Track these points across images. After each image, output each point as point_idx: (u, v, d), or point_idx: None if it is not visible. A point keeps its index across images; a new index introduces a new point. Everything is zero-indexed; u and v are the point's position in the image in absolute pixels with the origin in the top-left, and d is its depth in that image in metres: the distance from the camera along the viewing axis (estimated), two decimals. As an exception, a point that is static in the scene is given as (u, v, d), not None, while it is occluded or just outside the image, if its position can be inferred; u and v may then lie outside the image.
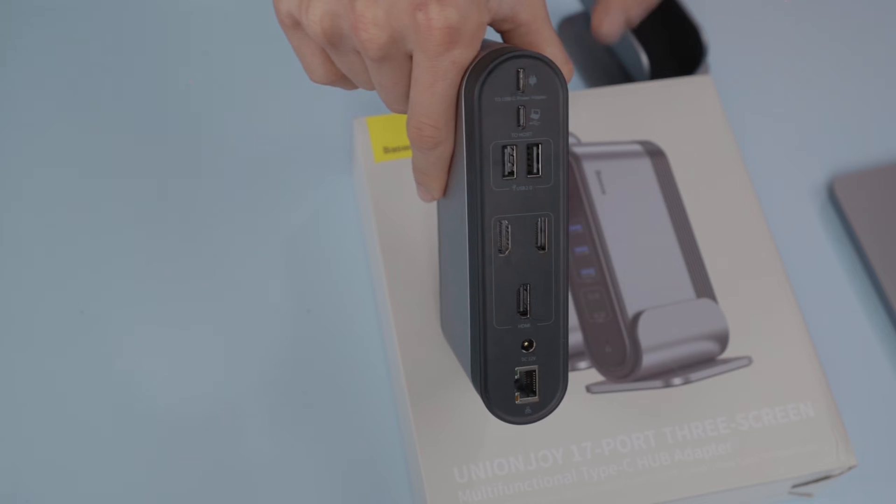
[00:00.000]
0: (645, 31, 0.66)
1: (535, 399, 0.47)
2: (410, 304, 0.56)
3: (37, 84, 0.68)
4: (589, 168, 0.60)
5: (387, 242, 0.57)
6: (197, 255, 0.64)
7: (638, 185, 0.60)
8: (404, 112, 0.47)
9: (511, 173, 0.44)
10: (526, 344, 0.46)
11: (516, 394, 0.46)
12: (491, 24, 0.46)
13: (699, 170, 0.61)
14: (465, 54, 0.43)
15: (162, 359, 0.61)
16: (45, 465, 0.58)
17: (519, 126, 0.44)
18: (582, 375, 0.55)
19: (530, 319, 0.46)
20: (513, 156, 0.44)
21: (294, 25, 0.46)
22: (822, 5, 0.75)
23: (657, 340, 0.56)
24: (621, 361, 0.55)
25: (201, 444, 0.59)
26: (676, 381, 0.55)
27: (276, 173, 0.66)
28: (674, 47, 0.68)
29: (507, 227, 0.45)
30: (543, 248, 0.45)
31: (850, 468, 0.54)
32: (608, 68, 0.69)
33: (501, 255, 0.45)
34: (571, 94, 0.63)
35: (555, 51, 0.46)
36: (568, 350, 0.47)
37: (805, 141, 0.69)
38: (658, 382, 0.55)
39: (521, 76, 0.43)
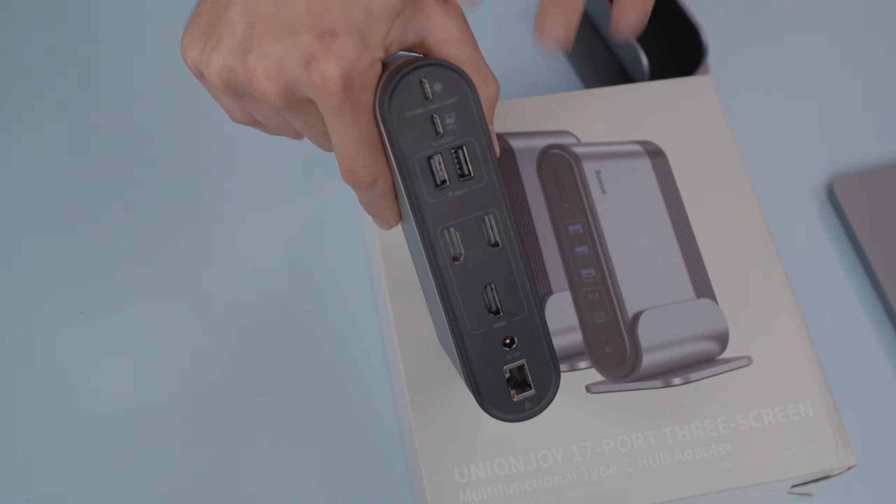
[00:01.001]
0: (645, 31, 0.66)
1: (531, 392, 0.47)
2: (410, 305, 0.56)
3: (36, 85, 0.68)
4: (589, 168, 0.60)
5: (387, 243, 0.57)
6: (197, 255, 0.64)
7: (638, 185, 0.60)
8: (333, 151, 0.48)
9: (444, 181, 0.44)
10: (507, 341, 0.46)
11: (512, 392, 0.47)
12: (409, 51, 0.46)
13: (699, 170, 0.61)
14: (363, 95, 0.43)
15: (162, 359, 0.61)
16: (46, 466, 0.58)
17: (437, 134, 0.44)
18: (582, 375, 0.55)
19: (504, 317, 0.46)
20: (441, 164, 0.44)
21: (200, 76, 0.47)
22: (821, 5, 0.75)
23: (657, 340, 0.56)
24: (621, 361, 0.55)
25: (201, 444, 0.59)
26: (676, 380, 0.55)
27: (276, 173, 0.66)
28: (674, 47, 0.68)
29: (456, 234, 0.45)
30: (497, 245, 0.46)
31: (849, 468, 0.54)
32: (608, 68, 0.69)
33: (458, 263, 0.45)
34: (572, 94, 0.63)
35: (472, 69, 0.46)
36: (550, 337, 0.47)
37: (805, 141, 0.69)
38: (658, 382, 0.55)
39: (426, 85, 0.43)
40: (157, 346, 0.61)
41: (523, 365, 0.47)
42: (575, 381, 0.55)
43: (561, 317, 0.56)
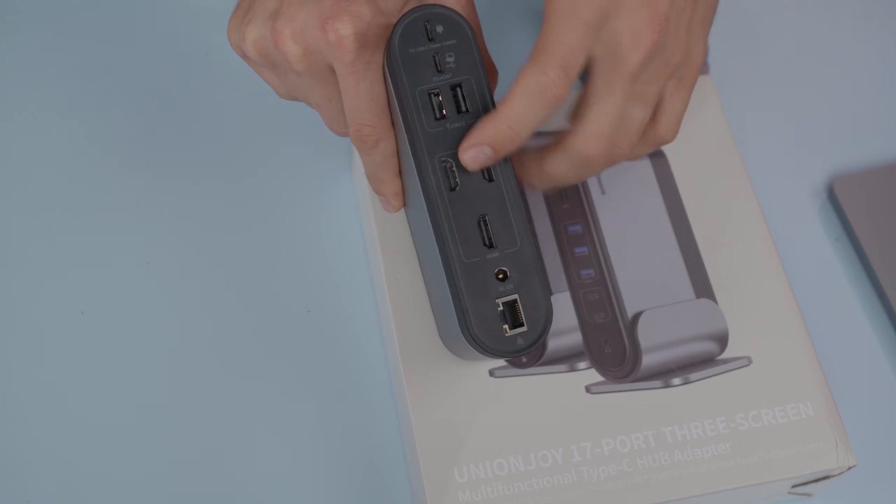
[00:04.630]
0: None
1: (524, 329, 0.48)
2: (410, 305, 0.56)
3: (36, 83, 0.68)
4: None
5: (387, 242, 0.57)
6: (197, 255, 0.64)
7: (638, 185, 0.60)
8: (346, 135, 0.52)
9: (443, 115, 0.48)
10: (500, 276, 0.48)
11: (504, 326, 0.47)
12: None
13: (699, 170, 0.61)
14: (375, 55, 0.48)
15: (162, 359, 0.61)
16: (46, 465, 0.58)
17: (438, 71, 0.48)
18: (582, 375, 0.55)
19: (497, 249, 0.48)
20: (440, 99, 0.48)
21: (244, 56, 0.51)
22: (821, 5, 0.75)
23: (657, 340, 0.56)
24: (621, 362, 0.55)
25: (201, 444, 0.59)
26: (676, 381, 0.55)
27: (276, 173, 0.66)
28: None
29: (452, 165, 0.48)
30: (492, 179, 0.48)
31: (849, 468, 0.54)
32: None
33: (454, 192, 0.48)
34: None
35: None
36: (545, 275, 0.48)
37: (805, 141, 0.69)
38: (658, 382, 0.55)
39: (429, 26, 0.48)
40: (156, 347, 0.61)
41: (516, 300, 0.48)
42: (575, 381, 0.55)
43: (561, 317, 0.56)
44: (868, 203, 0.66)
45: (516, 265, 0.48)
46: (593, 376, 0.55)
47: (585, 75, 0.49)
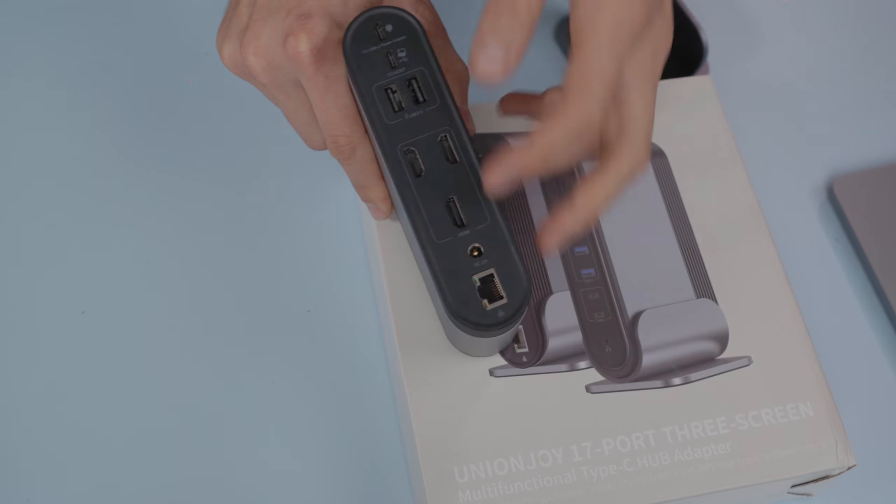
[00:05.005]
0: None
1: (503, 301, 0.48)
2: (410, 304, 0.56)
3: (37, 84, 0.68)
4: (589, 168, 0.60)
5: (387, 242, 0.57)
6: (197, 256, 0.64)
7: (638, 185, 0.60)
8: (321, 148, 0.54)
9: (401, 107, 0.50)
10: (475, 252, 0.49)
11: (483, 301, 0.48)
12: None
13: (699, 170, 0.61)
14: (334, 67, 0.50)
15: (162, 359, 0.61)
16: (46, 465, 0.58)
17: (392, 68, 0.50)
18: (582, 375, 0.55)
19: (468, 227, 0.49)
20: (397, 93, 0.50)
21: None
22: (821, 5, 0.75)
23: (657, 340, 0.56)
24: (621, 361, 0.55)
25: (201, 443, 0.59)
26: (676, 380, 0.55)
27: (276, 173, 0.66)
28: (674, 47, 0.68)
29: (415, 152, 0.49)
30: (455, 161, 0.50)
31: (849, 468, 0.54)
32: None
33: (420, 178, 0.49)
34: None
35: (440, 54, 0.52)
36: (517, 246, 0.49)
37: (805, 141, 0.69)
38: (658, 382, 0.55)
39: (378, 27, 0.50)
40: (156, 347, 0.61)
41: (492, 274, 0.49)
42: (575, 381, 0.55)
43: (561, 317, 0.56)
44: (868, 203, 0.66)
45: (489, 240, 0.49)
46: (593, 376, 0.55)
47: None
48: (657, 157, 0.61)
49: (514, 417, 0.54)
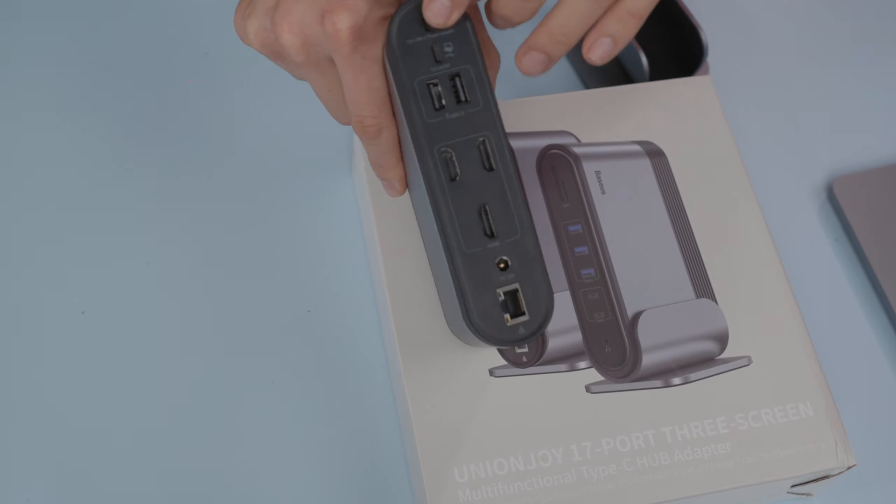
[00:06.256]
0: (645, 31, 0.66)
1: (525, 318, 0.48)
2: (410, 304, 0.56)
3: (37, 84, 0.68)
4: (588, 168, 0.60)
5: (387, 242, 0.57)
6: (197, 255, 0.64)
7: (638, 185, 0.60)
8: (349, 123, 0.52)
9: (442, 105, 0.48)
10: (501, 265, 0.48)
11: (506, 315, 0.47)
12: None
13: (699, 170, 0.61)
14: (372, 48, 0.48)
15: (162, 359, 0.61)
16: (46, 465, 0.58)
17: (437, 62, 0.48)
18: (582, 375, 0.55)
19: (498, 238, 0.48)
20: (439, 89, 0.47)
21: (250, 44, 0.51)
22: (821, 5, 0.75)
23: (657, 340, 0.56)
24: (621, 361, 0.55)
25: (201, 443, 0.59)
26: (676, 380, 0.55)
27: (276, 174, 0.66)
28: (674, 47, 0.68)
29: (452, 155, 0.48)
30: (492, 168, 0.48)
31: (849, 468, 0.54)
32: (608, 68, 0.69)
33: (454, 182, 0.48)
34: (572, 94, 0.63)
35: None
36: (544, 262, 0.48)
37: (805, 141, 0.69)
38: (657, 382, 0.55)
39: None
40: (156, 346, 0.61)
41: (517, 289, 0.48)
42: (575, 381, 0.55)
43: (561, 317, 0.56)
44: (868, 203, 0.66)
45: (517, 254, 0.48)
46: (593, 376, 0.55)
47: None
48: (657, 156, 0.61)
49: (514, 417, 0.54)
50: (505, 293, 0.48)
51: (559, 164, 0.60)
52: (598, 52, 0.50)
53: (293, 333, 0.62)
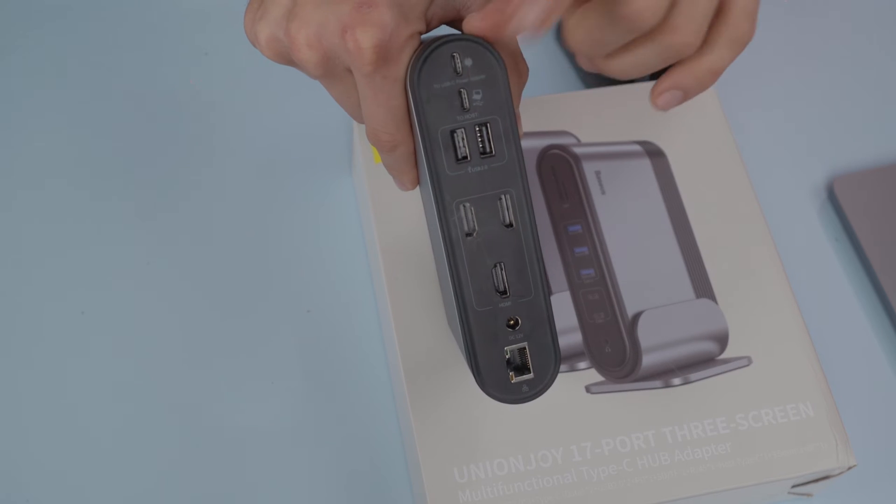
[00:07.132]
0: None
1: (530, 376, 0.47)
2: (410, 304, 0.56)
3: (37, 86, 0.68)
4: (588, 168, 0.60)
5: (387, 242, 0.57)
6: (197, 255, 0.64)
7: (638, 185, 0.60)
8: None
9: (465, 157, 0.45)
10: (511, 322, 0.47)
11: (510, 373, 0.47)
12: (451, 26, 0.47)
13: (699, 170, 0.61)
14: (395, 68, 0.44)
15: (162, 359, 0.61)
16: (46, 465, 0.58)
17: (464, 109, 0.45)
18: (582, 375, 0.55)
19: (510, 297, 0.46)
20: (464, 139, 0.45)
21: (260, 49, 0.48)
22: (821, 5, 0.75)
23: (657, 341, 0.56)
24: (621, 362, 0.55)
25: (201, 443, 0.59)
26: (676, 381, 0.55)
27: (276, 174, 0.66)
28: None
29: (471, 210, 0.46)
30: (511, 225, 0.46)
31: (849, 468, 0.54)
32: (608, 68, 0.69)
33: (470, 238, 0.46)
34: (572, 94, 0.63)
35: (505, 50, 0.46)
36: (554, 323, 0.47)
37: (805, 141, 0.69)
38: (658, 382, 0.55)
39: (457, 60, 0.44)
40: (156, 347, 0.61)
41: (524, 348, 0.47)
42: (575, 381, 0.55)
43: (561, 317, 0.56)
44: (868, 203, 0.66)
45: (528, 314, 0.47)
46: (593, 376, 0.55)
47: None
48: (657, 156, 0.61)
49: (513, 418, 0.54)
50: (511, 351, 0.47)
51: (559, 164, 0.60)
52: (665, 101, 0.48)
53: (293, 333, 0.62)
